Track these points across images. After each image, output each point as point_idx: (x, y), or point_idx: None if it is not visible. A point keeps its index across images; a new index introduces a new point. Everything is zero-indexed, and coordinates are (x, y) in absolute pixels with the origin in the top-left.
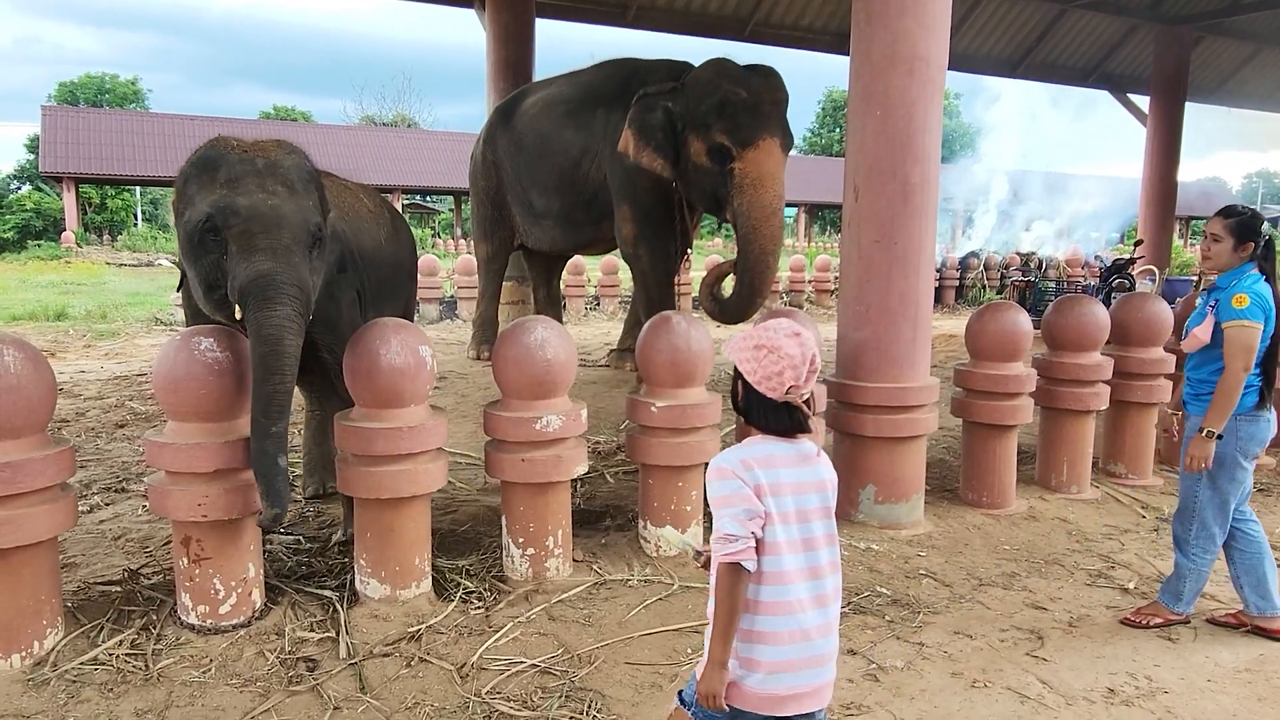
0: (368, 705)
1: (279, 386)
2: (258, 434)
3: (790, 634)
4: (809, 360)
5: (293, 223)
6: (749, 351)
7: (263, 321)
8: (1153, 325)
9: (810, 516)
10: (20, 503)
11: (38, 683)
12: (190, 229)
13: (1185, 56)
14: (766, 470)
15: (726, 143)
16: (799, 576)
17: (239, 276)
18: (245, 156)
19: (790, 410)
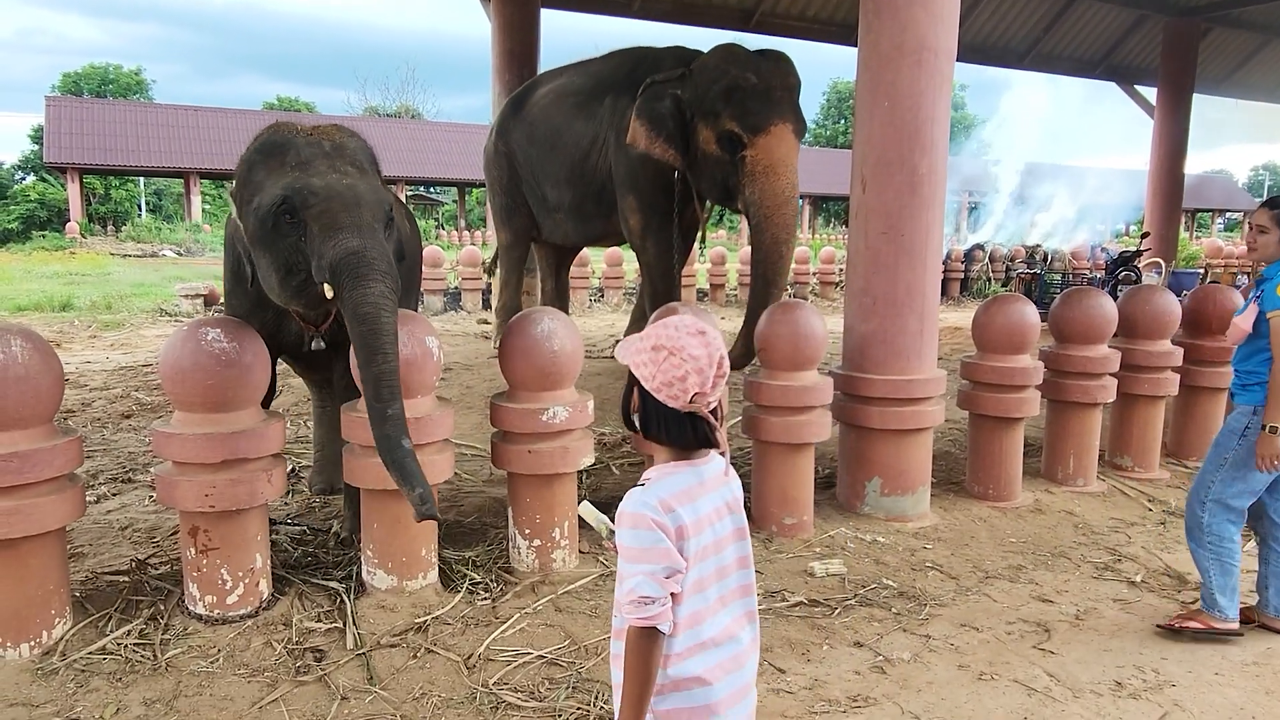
0: (375, 696)
1: (385, 366)
2: (375, 420)
3: (709, 671)
4: (716, 363)
5: (370, 201)
6: (646, 354)
7: (359, 300)
8: (1160, 318)
9: (725, 544)
10: (28, 493)
11: (46, 672)
12: (263, 213)
13: (1193, 48)
14: (690, 506)
15: (736, 129)
16: (712, 613)
17: (327, 255)
18: (312, 139)
19: (695, 422)
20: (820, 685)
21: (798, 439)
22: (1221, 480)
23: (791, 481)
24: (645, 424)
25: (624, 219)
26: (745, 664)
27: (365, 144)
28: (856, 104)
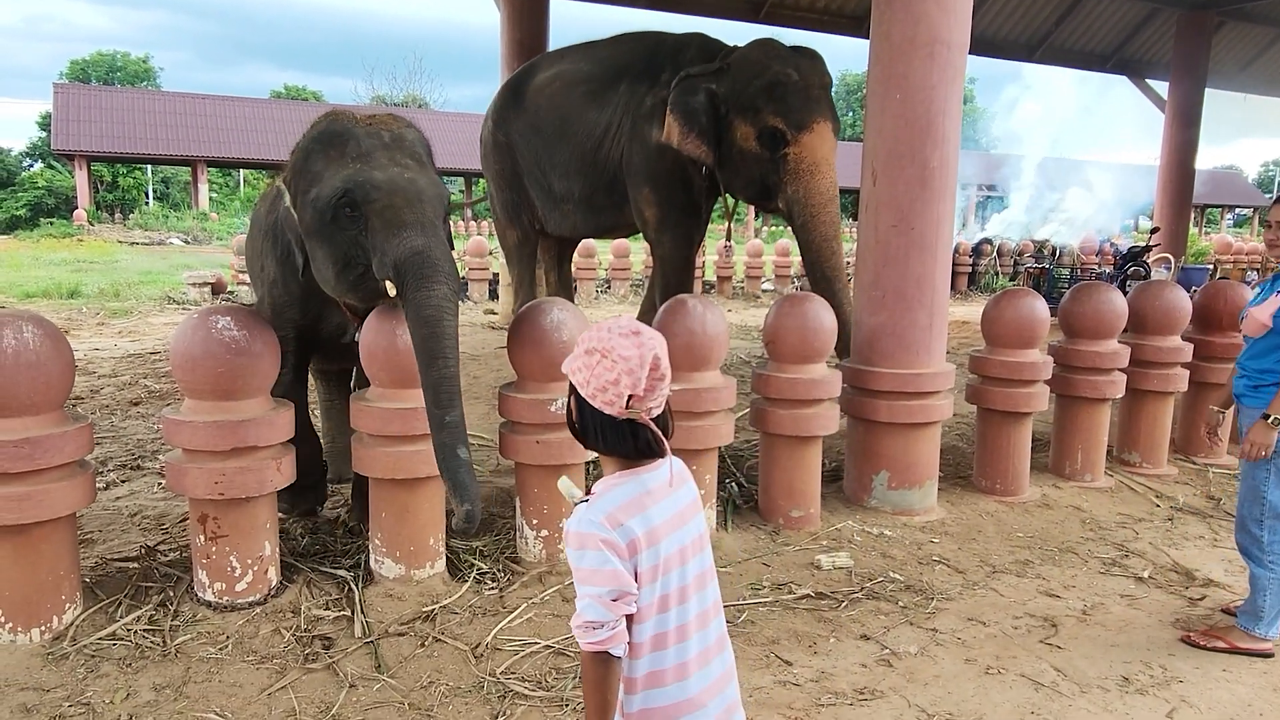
0: (383, 684)
1: (445, 371)
2: (434, 426)
3: (676, 706)
4: (649, 363)
5: (431, 196)
6: (580, 359)
7: (422, 302)
8: (1170, 314)
9: (687, 557)
10: (40, 479)
11: (57, 657)
12: (322, 205)
13: (1206, 42)
14: (641, 518)
15: (781, 126)
16: (683, 634)
17: (390, 252)
18: (371, 130)
19: (635, 429)
20: (827, 678)
21: (805, 431)
22: (1275, 491)
23: (799, 474)
24: (583, 432)
25: (638, 211)
26: (727, 686)
27: (422, 135)
28: (868, 97)
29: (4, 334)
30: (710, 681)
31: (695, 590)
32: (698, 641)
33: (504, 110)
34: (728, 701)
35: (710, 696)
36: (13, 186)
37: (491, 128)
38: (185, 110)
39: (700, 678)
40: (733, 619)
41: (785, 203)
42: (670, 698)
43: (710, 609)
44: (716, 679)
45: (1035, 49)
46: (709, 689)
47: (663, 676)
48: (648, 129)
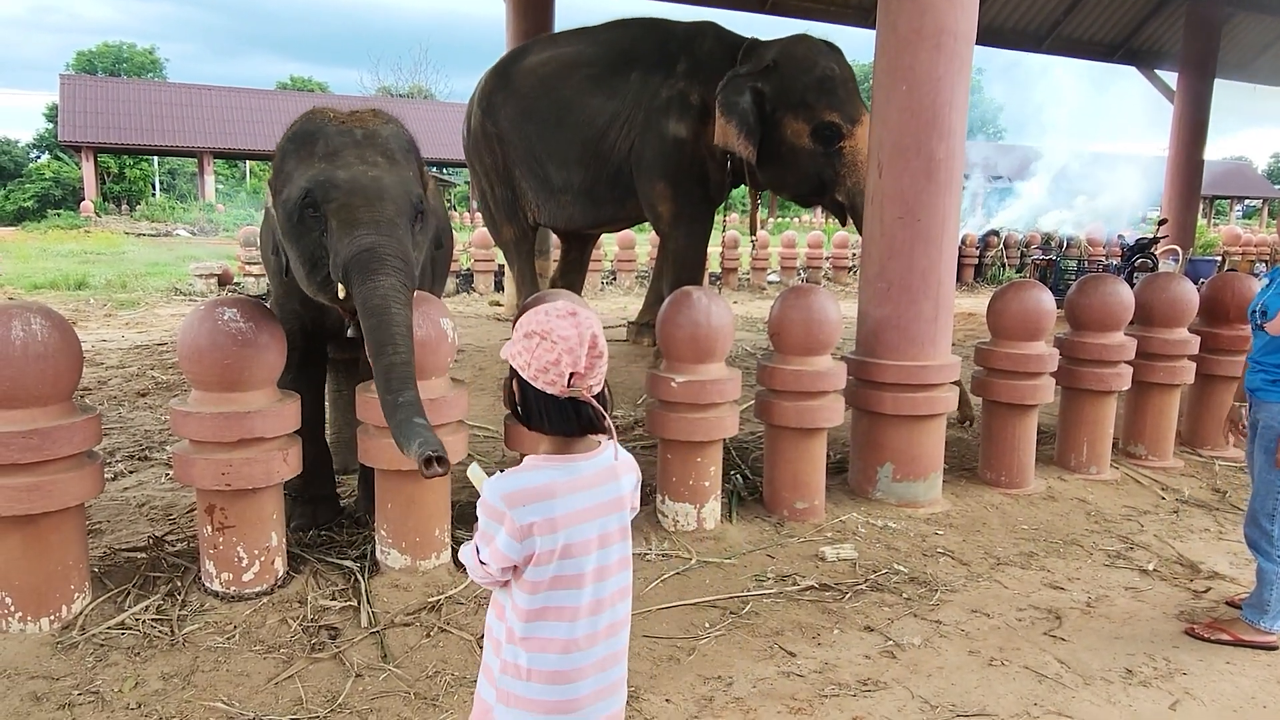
0: (389, 673)
1: (395, 358)
2: (388, 410)
3: (558, 674)
4: (587, 341)
5: (395, 194)
6: (520, 342)
7: (368, 294)
8: (1177, 306)
9: (590, 547)
10: (48, 469)
11: (66, 646)
12: (290, 207)
13: (1215, 33)
14: (541, 504)
15: (837, 120)
16: (576, 614)
17: (341, 252)
18: (343, 128)
19: (577, 407)
20: (830, 669)
21: (810, 423)
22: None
23: (803, 466)
24: (527, 415)
25: (649, 205)
26: (612, 667)
27: (402, 129)
28: (874, 88)
29: (13, 326)
30: (591, 661)
31: (597, 579)
32: (588, 625)
33: (492, 96)
34: (607, 682)
35: (590, 674)
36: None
37: (479, 116)
38: (191, 102)
39: (583, 656)
40: (737, 611)
41: (845, 195)
42: (551, 664)
43: (611, 596)
44: (599, 659)
45: (1043, 39)
46: (590, 668)
47: (548, 645)
48: (664, 121)
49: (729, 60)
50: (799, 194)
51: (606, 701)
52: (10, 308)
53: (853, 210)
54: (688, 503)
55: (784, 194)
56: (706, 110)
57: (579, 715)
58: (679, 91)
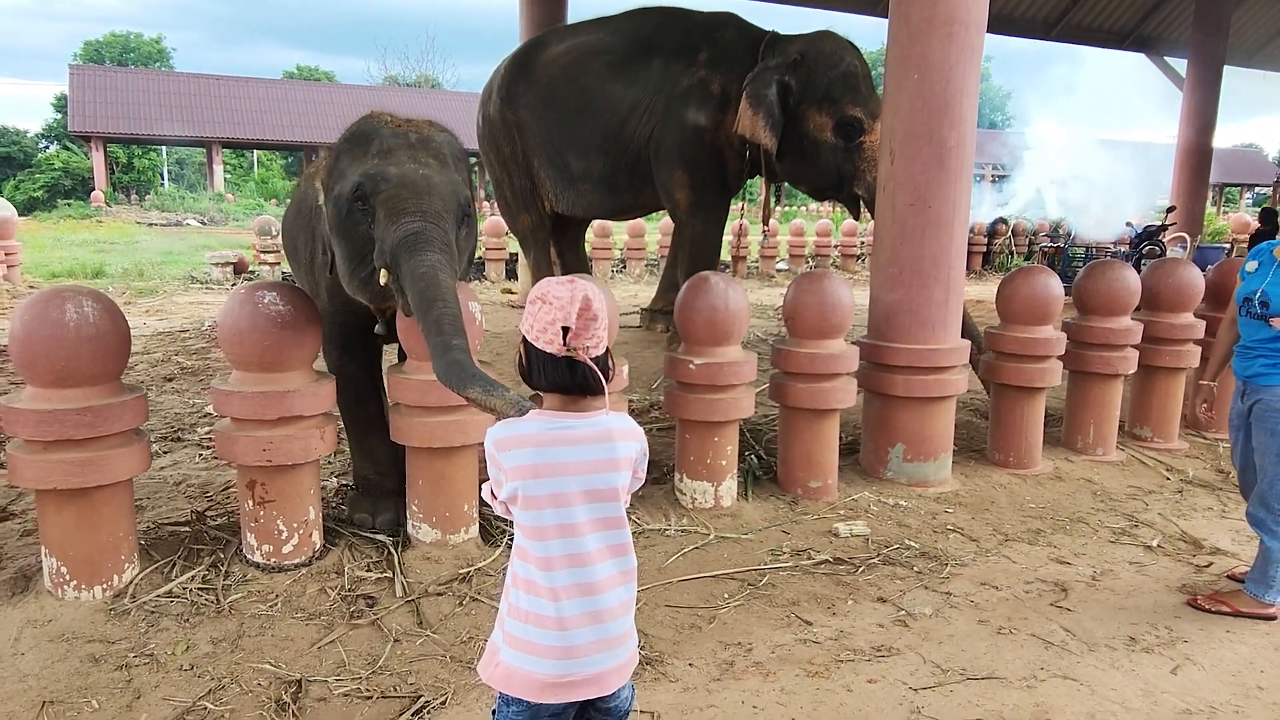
0: (426, 638)
1: (445, 310)
2: (439, 353)
3: (540, 617)
4: (579, 302)
5: (443, 191)
6: (527, 310)
7: (415, 266)
8: (1183, 291)
9: (572, 500)
10: (101, 445)
11: (119, 612)
12: (340, 201)
13: (1225, 19)
14: (520, 452)
15: (860, 115)
16: (555, 564)
17: (388, 238)
18: (399, 130)
19: (573, 365)
20: (845, 636)
21: (824, 405)
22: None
23: (817, 446)
24: (529, 373)
25: (667, 193)
26: (609, 620)
27: (455, 140)
28: (886, 76)
29: (66, 308)
30: (583, 611)
31: (580, 533)
32: (573, 575)
33: (512, 85)
34: (607, 635)
35: (583, 624)
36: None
37: (498, 105)
38: (200, 91)
39: (572, 605)
40: (754, 583)
41: (865, 189)
42: (536, 607)
43: (598, 551)
44: (593, 611)
45: (1053, 26)
46: (581, 618)
47: (532, 587)
48: (684, 110)
49: (750, 51)
50: (817, 187)
51: (609, 653)
52: (63, 291)
53: (870, 205)
54: (705, 481)
55: (801, 186)
56: (727, 99)
57: (578, 662)
58: (700, 80)
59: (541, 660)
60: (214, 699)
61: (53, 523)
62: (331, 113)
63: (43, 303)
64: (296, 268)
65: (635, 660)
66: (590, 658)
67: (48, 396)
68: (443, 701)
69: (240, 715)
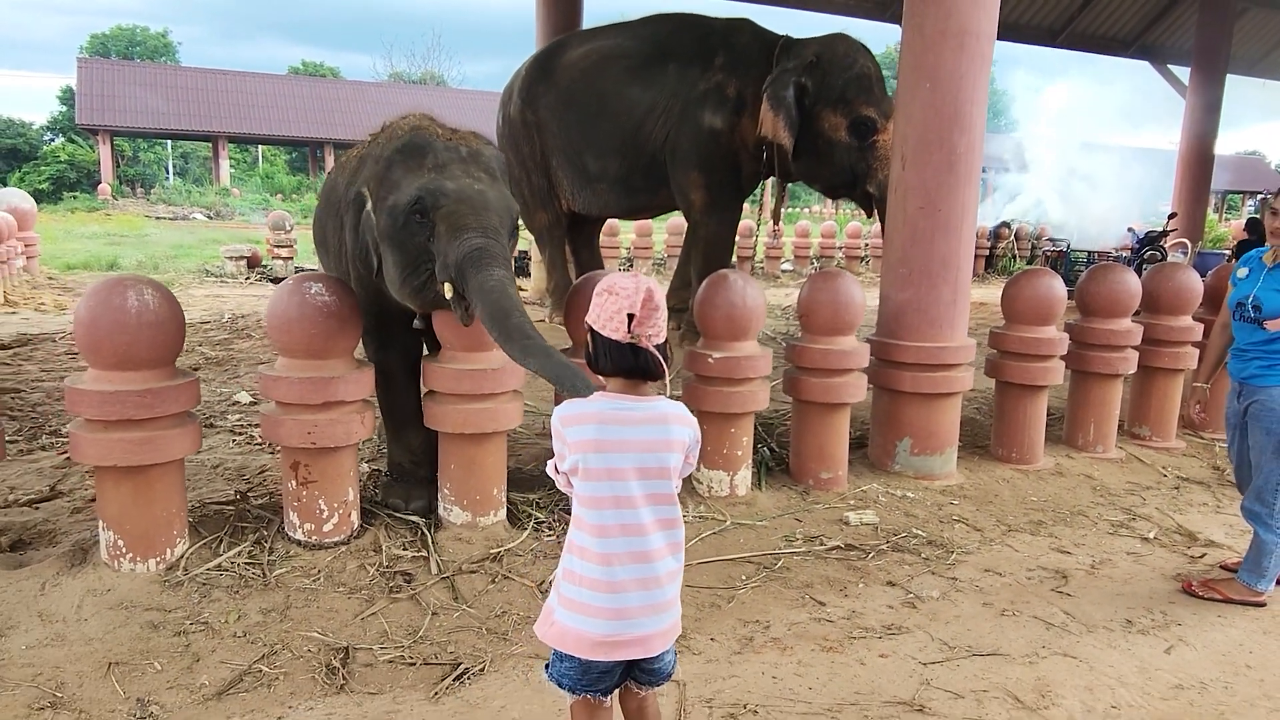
0: (462, 612)
1: (521, 318)
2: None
3: (593, 581)
4: (643, 293)
5: (498, 207)
6: (595, 301)
7: (483, 279)
8: (1182, 294)
9: (628, 475)
10: (157, 425)
11: (172, 584)
12: (396, 212)
13: (1228, 28)
14: (583, 427)
15: (873, 115)
16: (610, 531)
17: (452, 253)
18: (451, 145)
19: (636, 351)
20: (857, 616)
21: (836, 399)
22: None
23: (829, 439)
24: (595, 359)
25: (682, 193)
26: (655, 588)
27: (498, 152)
28: (899, 85)
29: (128, 295)
30: (635, 577)
31: (634, 505)
32: (627, 544)
33: (533, 87)
34: (655, 600)
35: (634, 589)
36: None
37: (519, 105)
38: (207, 86)
39: (623, 571)
40: (770, 566)
41: (877, 187)
42: (585, 570)
43: (649, 524)
44: (644, 579)
45: (1058, 34)
46: (633, 583)
47: (586, 554)
48: (700, 113)
49: (764, 56)
50: (831, 185)
51: (655, 618)
52: (124, 279)
53: (881, 202)
54: (722, 470)
55: (815, 185)
56: (742, 103)
57: (626, 623)
58: (716, 84)
59: (593, 620)
60: (268, 663)
61: (111, 498)
62: (337, 108)
63: (106, 290)
64: (325, 257)
65: (679, 628)
66: (637, 620)
67: (109, 379)
68: (481, 669)
69: (294, 678)
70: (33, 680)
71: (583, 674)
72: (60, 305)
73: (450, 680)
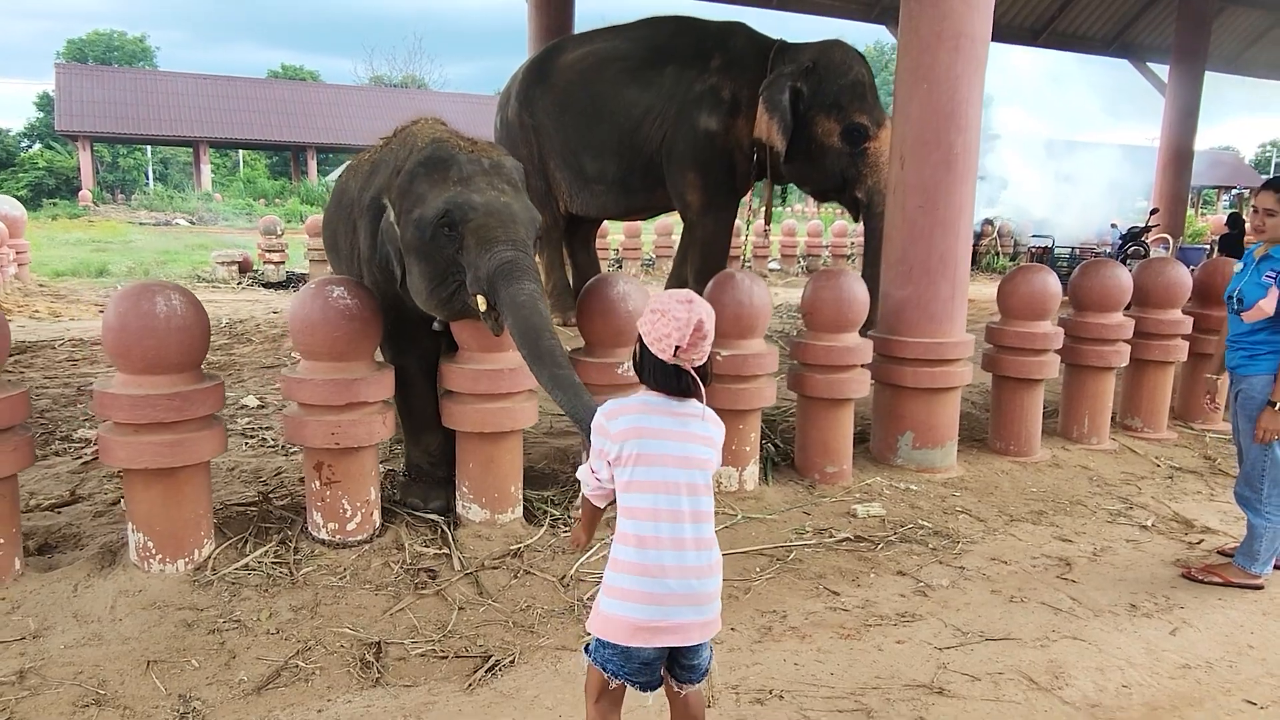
0: (488, 606)
1: (553, 341)
2: (565, 387)
3: (635, 565)
4: (694, 325)
5: (524, 219)
6: (648, 315)
7: (514, 294)
8: (1171, 289)
9: (668, 462)
10: (186, 428)
11: (202, 583)
12: (424, 224)
13: (1206, 26)
14: (626, 417)
15: (866, 122)
16: (653, 515)
17: (483, 266)
18: (473, 157)
19: (679, 373)
20: (871, 605)
21: (840, 394)
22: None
23: (833, 434)
24: (641, 369)
25: (679, 194)
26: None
27: (518, 163)
28: (896, 86)
29: (157, 301)
30: (681, 565)
31: (677, 491)
32: (670, 529)
33: (530, 90)
34: (695, 590)
35: (674, 576)
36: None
37: (516, 109)
38: (187, 91)
39: (664, 556)
40: (782, 558)
41: (865, 193)
42: (629, 556)
43: (691, 513)
44: (684, 566)
45: (1040, 33)
46: (674, 569)
47: (627, 539)
48: (697, 114)
49: (759, 59)
50: (821, 189)
51: (694, 608)
52: (152, 286)
53: (869, 207)
54: (731, 466)
55: (805, 188)
56: (737, 105)
57: (665, 609)
58: (711, 86)
59: (634, 605)
60: (303, 658)
61: (140, 500)
62: (318, 112)
63: (135, 296)
64: (337, 260)
65: (718, 624)
66: (676, 608)
67: (139, 383)
68: (511, 661)
69: (330, 672)
70: (74, 679)
71: (625, 661)
72: (54, 312)
73: (482, 672)
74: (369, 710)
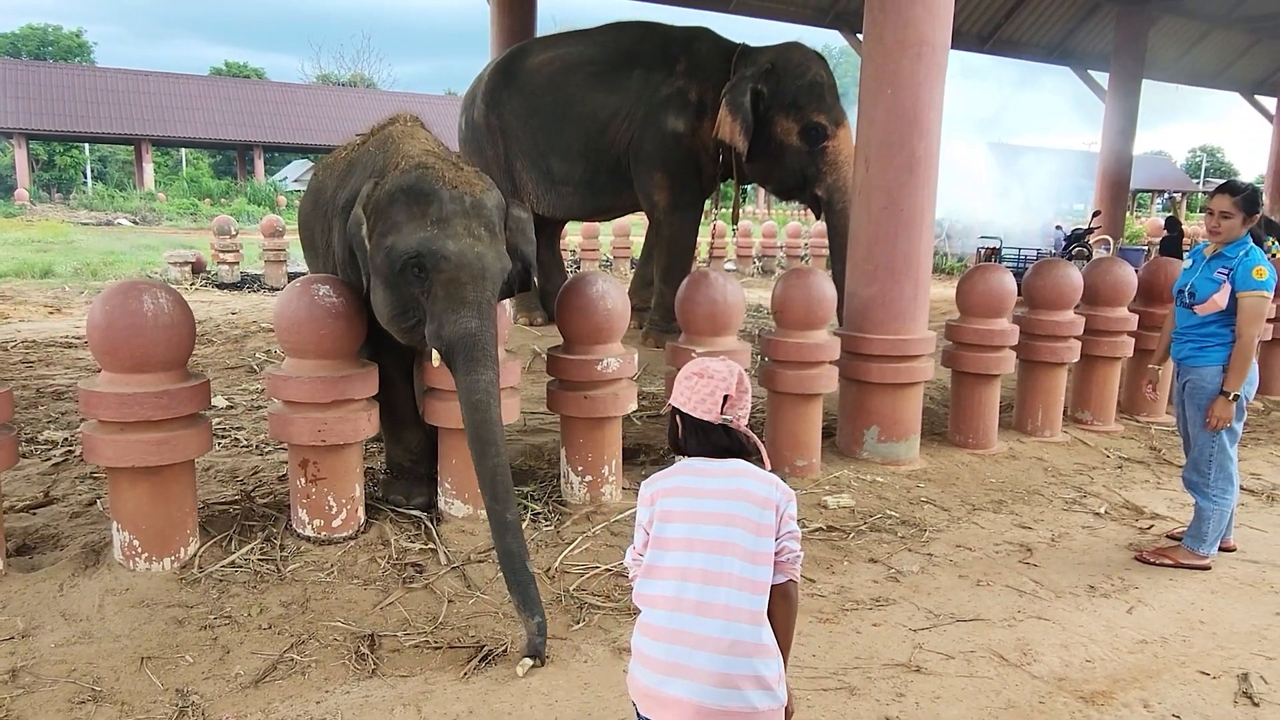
0: (477, 599)
1: (498, 460)
2: (496, 527)
3: (647, 627)
4: (735, 375)
5: (494, 274)
6: (683, 384)
7: (471, 386)
8: (1119, 288)
9: (697, 519)
10: (173, 426)
11: (189, 581)
12: (394, 257)
13: (1144, 35)
14: (663, 481)
15: (823, 122)
16: (670, 574)
17: (446, 327)
18: (455, 194)
19: (729, 432)
20: (846, 591)
21: (809, 390)
22: (1226, 436)
23: (803, 428)
24: (683, 441)
25: (646, 194)
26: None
27: (501, 199)
28: (861, 92)
29: (144, 300)
30: (682, 628)
31: (707, 550)
32: (694, 591)
33: (497, 92)
34: (701, 665)
35: (676, 640)
36: None
37: (483, 110)
38: (128, 88)
39: (673, 619)
40: None
41: (825, 190)
42: (645, 616)
43: (725, 575)
44: (704, 636)
45: (986, 40)
46: (679, 634)
47: (643, 598)
48: (663, 117)
49: (723, 62)
50: (782, 187)
51: (689, 684)
52: (139, 285)
53: (829, 205)
54: None
55: (768, 187)
56: (703, 107)
57: (661, 679)
58: (678, 89)
59: (643, 670)
60: (298, 652)
61: (126, 498)
62: (264, 110)
63: (122, 294)
64: (313, 258)
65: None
66: (670, 679)
67: (126, 381)
68: (504, 651)
69: (326, 664)
70: (68, 676)
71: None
72: (3, 314)
73: (477, 662)
74: (368, 700)
